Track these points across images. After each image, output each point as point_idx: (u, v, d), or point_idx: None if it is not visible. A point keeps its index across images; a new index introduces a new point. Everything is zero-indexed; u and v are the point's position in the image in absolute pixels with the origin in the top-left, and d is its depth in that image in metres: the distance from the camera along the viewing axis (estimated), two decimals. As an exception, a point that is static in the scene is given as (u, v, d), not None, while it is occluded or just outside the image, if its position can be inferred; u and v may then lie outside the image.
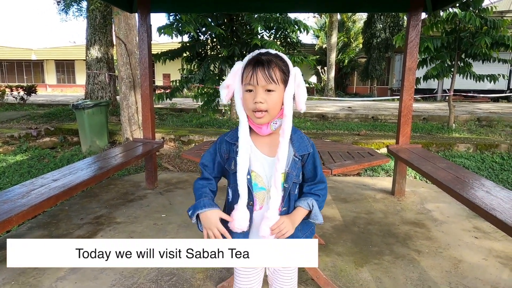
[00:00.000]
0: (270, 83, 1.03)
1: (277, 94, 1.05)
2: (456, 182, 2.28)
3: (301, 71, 1.11)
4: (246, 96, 1.06)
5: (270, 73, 1.03)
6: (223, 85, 1.10)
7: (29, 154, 5.47)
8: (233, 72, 1.09)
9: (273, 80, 1.03)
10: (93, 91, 9.24)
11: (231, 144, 1.13)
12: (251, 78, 1.03)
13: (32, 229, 2.75)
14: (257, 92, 1.04)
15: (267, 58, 1.04)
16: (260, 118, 1.06)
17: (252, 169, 1.12)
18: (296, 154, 1.11)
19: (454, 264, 2.24)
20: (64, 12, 10.81)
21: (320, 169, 1.18)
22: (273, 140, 1.10)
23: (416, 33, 3.27)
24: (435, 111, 11.43)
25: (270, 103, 1.04)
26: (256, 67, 1.03)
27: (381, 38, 17.53)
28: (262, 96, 1.03)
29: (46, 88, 28.32)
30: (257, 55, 1.06)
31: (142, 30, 3.48)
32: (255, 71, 1.03)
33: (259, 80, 1.03)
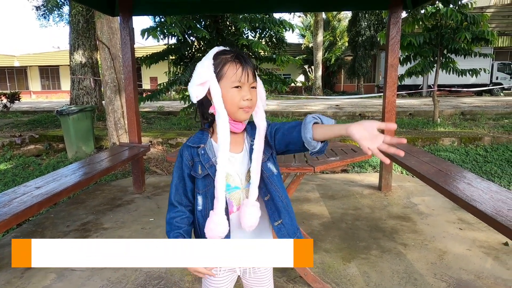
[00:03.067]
0: (255, 81, 1.06)
1: (256, 90, 1.09)
2: (439, 175, 2.32)
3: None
4: (234, 93, 1.02)
5: (253, 71, 1.05)
6: (197, 82, 1.02)
7: (13, 163, 5.37)
8: (205, 66, 1.03)
9: (255, 78, 1.06)
10: (78, 96, 9.12)
11: (193, 148, 1.08)
12: (242, 75, 1.01)
13: (17, 238, 2.70)
14: (245, 89, 1.03)
15: (242, 55, 1.05)
16: (246, 113, 1.06)
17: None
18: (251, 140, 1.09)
19: (439, 256, 2.29)
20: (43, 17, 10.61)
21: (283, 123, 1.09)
22: (234, 137, 1.08)
23: (397, 30, 3.31)
24: (421, 106, 11.61)
25: (254, 100, 1.06)
26: (244, 65, 1.02)
27: (366, 36, 17.73)
28: (249, 93, 1.04)
29: (30, 95, 27.82)
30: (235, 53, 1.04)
31: (125, 33, 3.45)
32: (245, 69, 1.02)
33: (249, 78, 1.03)
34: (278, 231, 1.10)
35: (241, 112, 1.04)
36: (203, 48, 8.16)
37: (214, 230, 1.03)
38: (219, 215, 1.03)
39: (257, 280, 1.22)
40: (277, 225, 1.10)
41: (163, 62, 7.68)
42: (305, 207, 3.21)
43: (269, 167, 1.11)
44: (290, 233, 1.11)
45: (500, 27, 16.96)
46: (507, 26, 17.34)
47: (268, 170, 1.10)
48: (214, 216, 1.03)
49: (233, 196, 1.09)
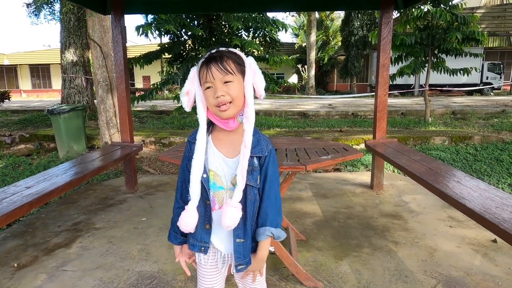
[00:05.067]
0: (226, 75, 1.04)
1: (236, 84, 1.06)
2: (429, 173, 2.35)
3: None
4: (207, 94, 1.07)
5: (224, 65, 1.04)
6: (182, 93, 1.10)
7: (3, 162, 5.30)
8: (190, 78, 1.09)
9: (228, 71, 1.04)
10: (70, 95, 9.03)
11: (191, 143, 1.13)
12: (207, 75, 1.05)
13: (7, 238, 2.67)
14: (216, 86, 1.05)
15: (218, 53, 1.06)
16: (225, 111, 1.06)
17: (210, 168, 1.11)
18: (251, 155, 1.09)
19: (430, 253, 2.32)
20: (35, 15, 10.48)
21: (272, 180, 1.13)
22: (235, 140, 1.10)
23: (389, 30, 3.34)
24: (413, 105, 11.72)
25: (232, 93, 1.05)
26: (209, 64, 1.05)
27: (358, 35, 17.84)
28: (222, 89, 1.04)
29: (21, 94, 27.45)
30: (208, 54, 1.07)
31: (116, 32, 3.42)
32: (209, 67, 1.04)
33: (214, 74, 1.04)
34: (236, 247, 1.13)
35: (218, 110, 1.07)
36: (197, 47, 8.14)
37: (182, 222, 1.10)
38: (188, 212, 1.09)
39: (248, 279, 1.23)
40: (238, 242, 1.13)
41: (156, 61, 7.64)
42: (297, 206, 3.23)
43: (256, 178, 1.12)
44: (246, 254, 1.14)
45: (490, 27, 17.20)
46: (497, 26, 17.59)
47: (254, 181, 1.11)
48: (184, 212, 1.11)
49: (217, 195, 1.13)
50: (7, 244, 2.58)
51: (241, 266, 1.14)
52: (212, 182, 1.11)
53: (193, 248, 1.17)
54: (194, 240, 1.16)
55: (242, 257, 1.13)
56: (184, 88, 1.10)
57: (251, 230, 1.14)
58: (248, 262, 1.15)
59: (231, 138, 1.11)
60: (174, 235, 1.21)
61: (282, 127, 8.10)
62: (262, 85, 1.10)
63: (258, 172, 1.11)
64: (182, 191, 1.18)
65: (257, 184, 1.11)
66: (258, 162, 1.11)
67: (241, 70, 1.07)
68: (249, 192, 1.10)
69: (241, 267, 1.14)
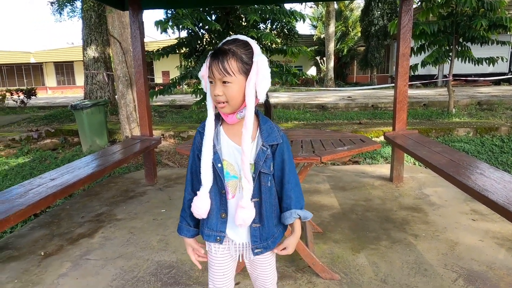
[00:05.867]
0: (224, 76, 1.03)
1: (234, 86, 1.04)
2: (451, 165, 2.28)
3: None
4: (211, 87, 1.08)
5: (224, 65, 1.02)
6: (200, 74, 1.12)
7: (30, 156, 5.53)
8: (204, 64, 1.10)
9: (227, 73, 1.02)
10: (92, 91, 9.27)
11: (202, 133, 1.14)
12: (210, 71, 1.05)
13: (34, 228, 2.79)
14: (216, 84, 1.05)
15: (224, 48, 1.03)
16: (222, 108, 1.08)
17: (224, 158, 1.12)
18: (264, 144, 1.10)
19: (451, 247, 2.26)
20: (58, 13, 10.79)
21: (290, 165, 1.15)
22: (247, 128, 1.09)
23: (409, 19, 3.24)
24: (436, 96, 11.36)
25: (228, 95, 1.05)
26: (212, 60, 1.04)
27: (379, 25, 17.38)
28: (220, 88, 1.04)
29: (46, 91, 28.41)
30: (218, 46, 1.06)
31: (134, 27, 3.48)
32: (210, 65, 1.04)
33: (214, 73, 1.04)
34: (253, 231, 1.15)
35: (218, 106, 1.09)
36: (214, 41, 8.16)
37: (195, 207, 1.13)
38: (200, 198, 1.12)
39: (261, 263, 1.25)
40: (254, 227, 1.15)
41: (175, 56, 7.71)
42: (315, 198, 3.21)
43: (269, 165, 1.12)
44: (262, 238, 1.16)
45: (519, 13, 16.35)
46: (527, 12, 16.69)
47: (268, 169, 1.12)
48: (196, 198, 1.13)
49: (230, 184, 1.14)
50: (35, 234, 2.70)
51: (258, 250, 1.16)
52: (226, 171, 1.13)
53: (208, 238, 1.19)
54: (210, 230, 1.18)
55: (258, 241, 1.15)
56: (200, 72, 1.12)
57: (270, 215, 1.16)
58: (265, 246, 1.16)
59: (241, 126, 1.10)
60: (187, 228, 1.22)
61: (300, 120, 8.04)
62: (264, 88, 1.06)
63: (271, 160, 1.12)
64: (193, 182, 1.19)
65: (270, 171, 1.13)
66: (271, 150, 1.12)
67: (245, 70, 1.04)
68: (263, 179, 1.12)
69: (258, 250, 1.16)
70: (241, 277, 1.98)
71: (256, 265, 1.26)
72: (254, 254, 1.17)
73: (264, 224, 1.15)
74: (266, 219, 1.15)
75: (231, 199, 1.15)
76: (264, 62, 1.04)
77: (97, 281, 2.03)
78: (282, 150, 1.13)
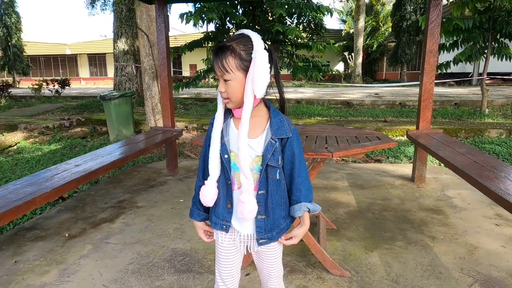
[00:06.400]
0: (223, 74, 1.05)
1: (234, 83, 1.06)
2: (473, 167, 2.20)
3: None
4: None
5: (222, 63, 1.04)
6: None
7: (62, 144, 5.81)
8: None
9: (226, 70, 1.04)
10: (121, 82, 9.57)
11: (212, 125, 1.18)
12: (214, 68, 1.08)
13: (61, 211, 2.95)
14: (220, 81, 1.09)
15: (223, 46, 1.05)
16: (227, 104, 1.12)
17: (231, 149, 1.15)
18: (273, 137, 1.11)
19: (469, 251, 2.19)
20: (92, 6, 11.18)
21: (300, 158, 1.16)
22: (254, 122, 1.12)
23: (437, 14, 3.12)
24: (468, 95, 10.86)
25: (229, 92, 1.07)
26: (213, 58, 1.07)
27: (411, 20, 16.76)
28: (222, 85, 1.08)
29: (80, 81, 29.57)
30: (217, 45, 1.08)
31: (160, 21, 3.56)
32: (214, 62, 1.07)
33: (215, 71, 1.07)
34: (258, 222, 1.17)
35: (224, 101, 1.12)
36: (240, 35, 8.17)
37: (201, 195, 1.17)
38: (207, 186, 1.16)
39: (267, 255, 1.26)
40: (259, 218, 1.16)
41: (203, 49, 7.80)
42: (332, 195, 3.19)
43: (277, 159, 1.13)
44: (267, 229, 1.17)
45: None
46: None
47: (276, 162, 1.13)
48: (203, 186, 1.17)
49: (236, 175, 1.17)
50: (61, 216, 2.85)
51: (263, 240, 1.18)
52: (233, 162, 1.15)
53: (215, 226, 1.22)
54: (217, 219, 1.22)
55: (263, 232, 1.17)
56: None
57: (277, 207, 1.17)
58: (269, 237, 1.18)
59: (251, 119, 1.11)
60: (197, 212, 1.27)
61: (323, 116, 7.94)
62: (261, 84, 1.04)
63: (280, 153, 1.14)
64: (204, 170, 1.23)
65: (278, 164, 1.13)
66: (280, 144, 1.13)
67: (244, 67, 1.05)
68: (270, 172, 1.13)
69: (263, 241, 1.18)
70: (251, 268, 2.02)
71: (262, 256, 1.28)
72: (258, 245, 1.19)
73: (269, 216, 1.16)
74: (272, 211, 1.16)
75: (236, 190, 1.17)
76: (262, 58, 1.03)
77: (115, 264, 2.12)
78: (292, 143, 1.14)
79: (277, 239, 1.20)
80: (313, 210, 1.18)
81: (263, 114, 1.14)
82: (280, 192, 1.16)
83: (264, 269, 1.30)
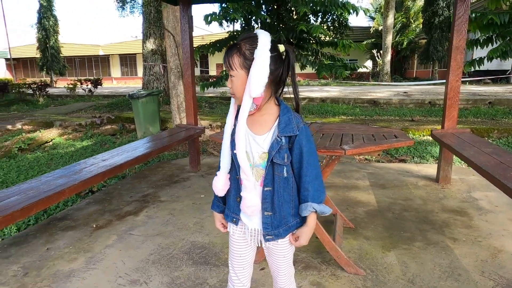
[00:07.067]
0: (230, 70, 1.11)
1: (237, 80, 1.11)
2: (498, 167, 2.12)
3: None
4: None
5: (229, 60, 1.10)
6: None
7: (93, 140, 6.10)
8: None
9: (230, 67, 1.10)
10: (149, 82, 9.88)
11: None
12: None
13: (90, 203, 3.12)
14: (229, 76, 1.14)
15: (233, 44, 1.11)
16: (235, 99, 1.18)
17: None
18: (279, 135, 1.12)
19: (492, 254, 2.12)
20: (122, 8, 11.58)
21: (309, 157, 1.14)
22: (264, 119, 1.15)
23: (465, 9, 3.02)
24: (505, 94, 10.33)
25: (233, 88, 1.13)
26: (224, 54, 1.13)
27: (443, 16, 16.13)
28: (229, 80, 1.14)
29: (112, 81, 30.72)
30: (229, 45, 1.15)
31: (184, 21, 3.67)
32: (224, 58, 1.13)
33: (225, 66, 1.13)
34: (264, 219, 1.19)
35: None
36: (264, 34, 8.21)
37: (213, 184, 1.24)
38: (219, 177, 1.22)
39: (277, 252, 1.28)
40: (266, 215, 1.18)
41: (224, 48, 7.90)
42: (351, 194, 3.17)
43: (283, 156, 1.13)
44: (274, 226, 1.18)
45: None
46: None
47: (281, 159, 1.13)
48: (215, 176, 1.24)
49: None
50: (90, 208, 3.02)
51: (269, 237, 1.20)
52: None
53: (227, 218, 1.28)
54: (228, 211, 1.27)
55: (270, 228, 1.19)
56: None
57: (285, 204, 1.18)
58: (276, 234, 1.19)
59: (261, 117, 1.16)
60: (217, 204, 1.32)
61: (348, 114, 7.84)
62: (255, 83, 1.05)
63: (286, 151, 1.14)
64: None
65: (285, 162, 1.14)
66: (288, 141, 1.14)
67: (246, 65, 1.08)
68: (276, 169, 1.15)
69: (269, 237, 1.20)
70: (266, 263, 2.05)
71: (271, 252, 1.29)
72: (265, 240, 1.21)
73: (276, 213, 1.18)
74: (278, 208, 1.17)
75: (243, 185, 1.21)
76: (261, 58, 1.05)
77: (137, 254, 2.23)
78: (300, 142, 1.13)
79: (285, 236, 1.21)
80: (321, 211, 1.16)
81: (272, 112, 1.16)
82: (288, 189, 1.17)
83: (273, 265, 1.32)
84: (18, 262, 2.17)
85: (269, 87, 1.11)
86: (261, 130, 1.16)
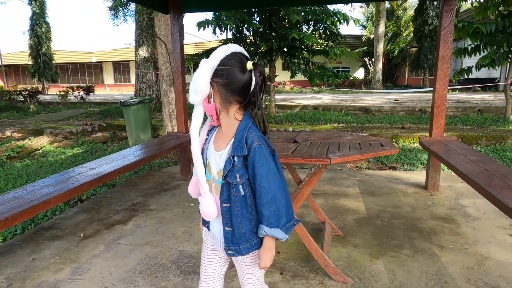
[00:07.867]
0: None
1: None
2: (483, 175, 2.15)
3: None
4: None
5: None
6: None
7: (84, 148, 6.05)
8: None
9: None
10: (142, 89, 9.86)
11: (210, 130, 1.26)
12: None
13: (78, 212, 3.09)
14: None
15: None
16: None
17: (207, 157, 1.20)
18: (231, 154, 1.10)
19: (479, 261, 2.14)
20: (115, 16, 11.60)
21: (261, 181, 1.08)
22: (223, 135, 1.16)
23: (450, 19, 3.08)
24: (493, 102, 10.50)
25: None
26: None
27: (433, 25, 16.42)
28: None
29: (105, 88, 30.57)
30: None
31: (175, 30, 3.68)
32: None
33: None
34: (225, 234, 1.18)
35: None
36: (257, 42, 8.29)
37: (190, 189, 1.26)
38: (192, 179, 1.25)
39: (239, 268, 1.28)
40: (226, 230, 1.17)
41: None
42: (341, 201, 3.18)
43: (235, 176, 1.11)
44: (234, 242, 1.17)
45: None
46: None
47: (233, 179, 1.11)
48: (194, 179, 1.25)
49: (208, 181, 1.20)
50: (78, 217, 2.98)
51: (230, 252, 1.18)
52: (206, 170, 1.20)
53: (203, 222, 1.31)
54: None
55: (230, 244, 1.17)
56: None
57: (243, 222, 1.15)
58: (237, 251, 1.17)
59: (223, 132, 1.16)
60: None
61: (340, 122, 7.89)
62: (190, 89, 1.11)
63: (239, 171, 1.10)
64: None
65: (237, 181, 1.11)
66: (242, 160, 1.09)
67: None
68: (232, 188, 1.13)
69: (230, 252, 1.18)
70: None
71: (238, 267, 1.28)
72: (227, 254, 1.21)
73: (235, 230, 1.15)
74: (236, 225, 1.15)
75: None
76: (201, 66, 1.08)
77: (124, 264, 2.21)
78: (252, 164, 1.08)
79: (246, 253, 1.18)
80: (273, 236, 1.10)
81: (233, 128, 1.12)
82: (247, 207, 1.13)
83: (241, 280, 1.31)
84: (2, 273, 2.13)
85: (227, 100, 1.10)
86: (220, 146, 1.15)
